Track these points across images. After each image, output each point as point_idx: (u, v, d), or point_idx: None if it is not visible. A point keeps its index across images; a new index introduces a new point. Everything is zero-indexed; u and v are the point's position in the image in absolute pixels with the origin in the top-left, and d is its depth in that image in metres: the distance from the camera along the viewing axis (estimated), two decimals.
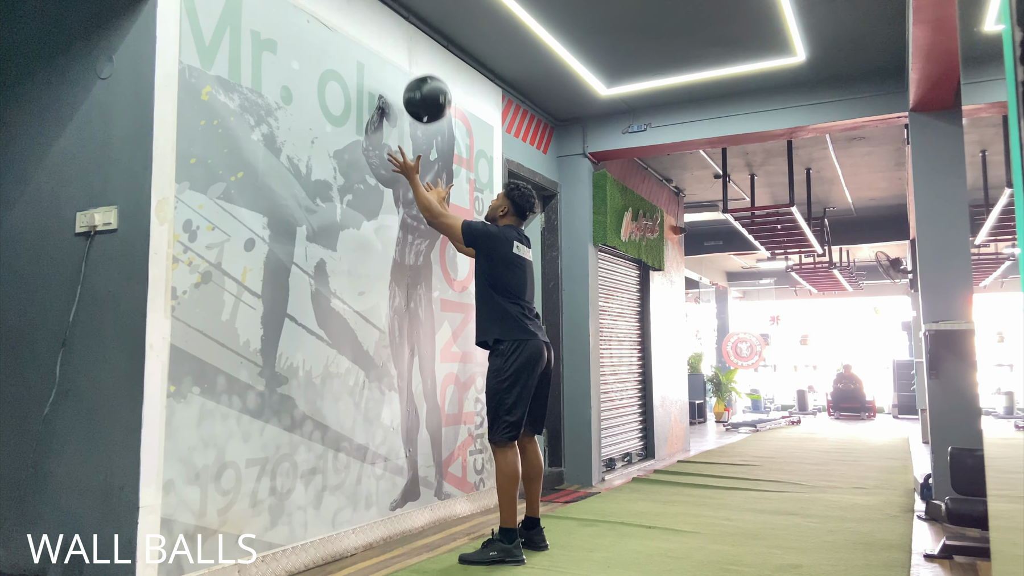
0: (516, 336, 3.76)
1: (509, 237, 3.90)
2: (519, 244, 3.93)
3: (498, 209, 4.06)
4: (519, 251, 3.92)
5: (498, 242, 3.87)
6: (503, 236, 3.89)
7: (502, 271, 3.85)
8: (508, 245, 3.87)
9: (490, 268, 3.86)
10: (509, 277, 3.85)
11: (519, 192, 4.02)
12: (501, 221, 4.04)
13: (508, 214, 4.03)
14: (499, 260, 3.85)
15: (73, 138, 3.10)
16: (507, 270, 3.85)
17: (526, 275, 3.95)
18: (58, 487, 2.94)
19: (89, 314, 2.96)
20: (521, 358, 3.73)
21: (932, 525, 4.50)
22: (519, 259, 3.91)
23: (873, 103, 5.45)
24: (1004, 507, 2.00)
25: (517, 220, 4.05)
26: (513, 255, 3.88)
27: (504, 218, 4.04)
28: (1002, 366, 4.50)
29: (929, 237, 5.09)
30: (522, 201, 4.01)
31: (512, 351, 3.74)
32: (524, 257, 3.96)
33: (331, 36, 3.86)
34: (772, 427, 12.28)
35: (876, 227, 11.26)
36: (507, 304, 3.81)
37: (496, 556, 3.58)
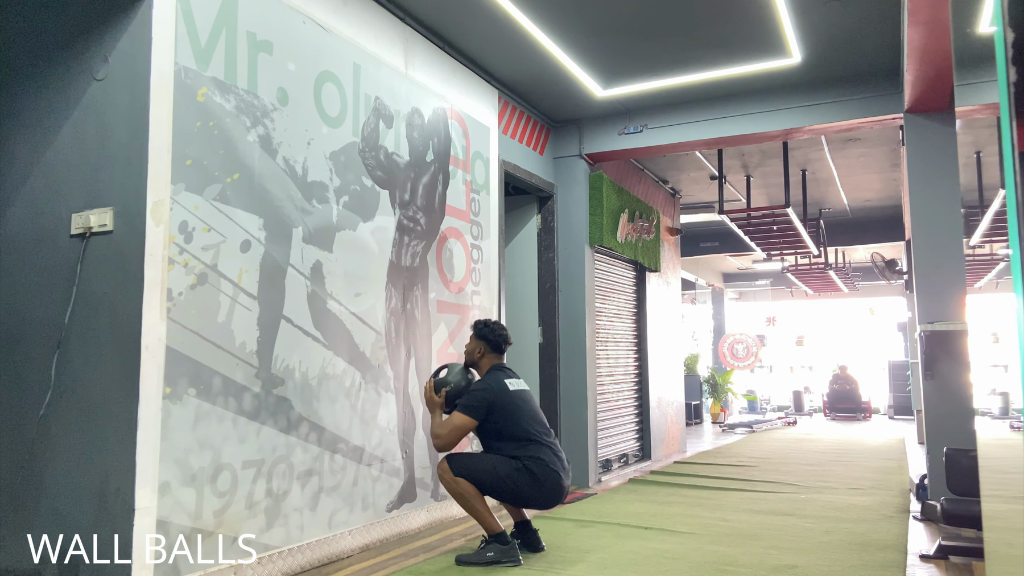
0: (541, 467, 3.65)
1: (500, 385, 3.78)
2: (511, 381, 3.84)
3: (474, 353, 3.96)
4: (515, 386, 3.82)
5: (500, 399, 3.72)
6: (496, 388, 3.76)
7: (511, 421, 3.71)
8: (504, 393, 3.75)
9: (500, 427, 3.71)
10: (518, 421, 3.72)
11: (488, 329, 3.95)
12: (482, 362, 3.95)
13: (485, 354, 3.94)
14: (505, 415, 3.71)
15: (69, 139, 3.10)
16: (516, 416, 3.72)
17: (532, 406, 3.85)
18: (54, 489, 2.94)
19: (85, 316, 2.96)
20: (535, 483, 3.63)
21: (928, 525, 4.51)
22: (519, 394, 3.81)
23: (868, 104, 5.47)
24: (998, 507, 2.01)
25: (495, 356, 3.96)
26: (512, 394, 3.76)
27: (483, 359, 3.94)
28: (997, 367, 4.51)
29: (924, 238, 5.11)
30: (494, 336, 3.94)
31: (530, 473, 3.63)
32: (522, 390, 3.87)
33: (327, 37, 3.86)
34: (768, 428, 12.29)
35: (871, 228, 11.28)
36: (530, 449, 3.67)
37: (493, 557, 3.58)
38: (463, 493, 3.62)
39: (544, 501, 3.70)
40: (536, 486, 3.63)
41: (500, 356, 4.00)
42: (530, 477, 3.62)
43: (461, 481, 3.62)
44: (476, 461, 3.67)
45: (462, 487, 3.62)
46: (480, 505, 3.63)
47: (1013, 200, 1.04)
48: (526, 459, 3.64)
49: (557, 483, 3.67)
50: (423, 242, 4.55)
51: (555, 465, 3.68)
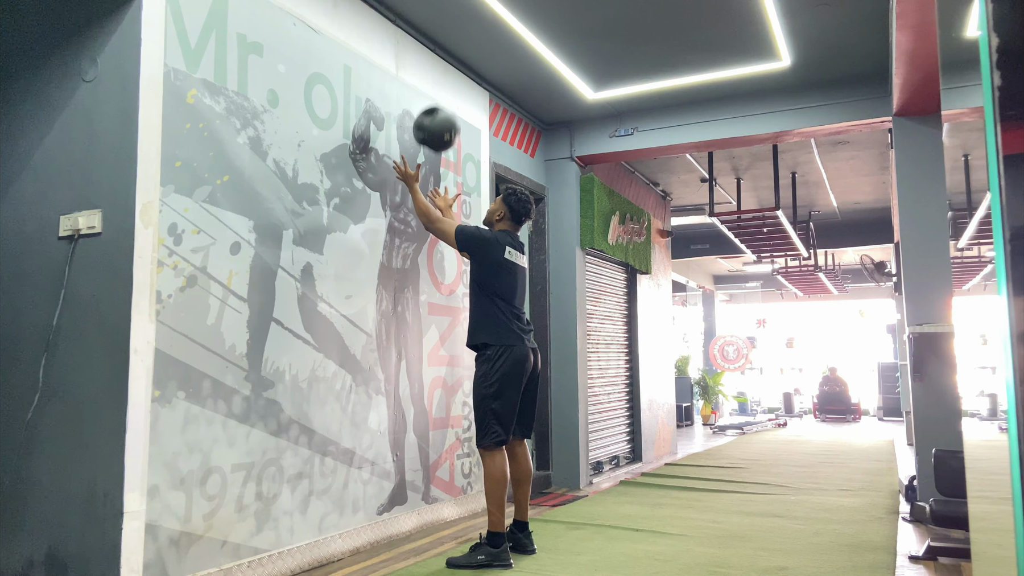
0: (503, 341, 3.78)
1: (502, 242, 3.91)
2: (511, 249, 3.94)
3: (495, 213, 4.07)
4: (511, 256, 3.93)
5: (490, 246, 3.88)
6: (495, 240, 3.90)
7: (493, 275, 3.86)
8: (500, 250, 3.88)
9: (480, 272, 3.88)
10: (499, 281, 3.86)
11: (515, 197, 4.03)
12: (497, 226, 4.05)
13: (504, 219, 4.04)
14: (490, 264, 3.87)
15: (57, 141, 3.08)
16: (498, 274, 3.87)
17: (517, 280, 3.96)
18: (42, 492, 2.92)
19: (73, 318, 2.94)
20: (507, 363, 3.74)
21: (917, 527, 4.54)
22: (511, 264, 3.92)
23: (857, 108, 5.50)
24: (986, 508, 2.02)
25: (513, 225, 4.07)
26: (505, 259, 3.89)
27: (500, 223, 4.05)
28: (985, 368, 4.53)
29: (912, 241, 5.14)
30: (519, 206, 4.03)
31: (498, 356, 3.76)
32: (516, 263, 3.96)
33: (318, 39, 3.86)
34: (759, 429, 12.33)
35: (861, 230, 11.34)
36: (496, 308, 3.83)
37: (484, 560, 3.58)
38: (495, 476, 3.71)
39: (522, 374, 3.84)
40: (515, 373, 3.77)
41: (516, 226, 4.09)
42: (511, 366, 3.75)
43: (499, 459, 3.72)
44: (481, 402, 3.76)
45: (498, 465, 3.72)
46: (502, 495, 3.70)
47: (997, 203, 1.05)
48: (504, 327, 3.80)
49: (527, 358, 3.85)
50: (414, 244, 4.55)
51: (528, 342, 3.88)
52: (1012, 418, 1.07)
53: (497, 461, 3.72)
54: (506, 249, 3.91)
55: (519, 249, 4.02)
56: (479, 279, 3.90)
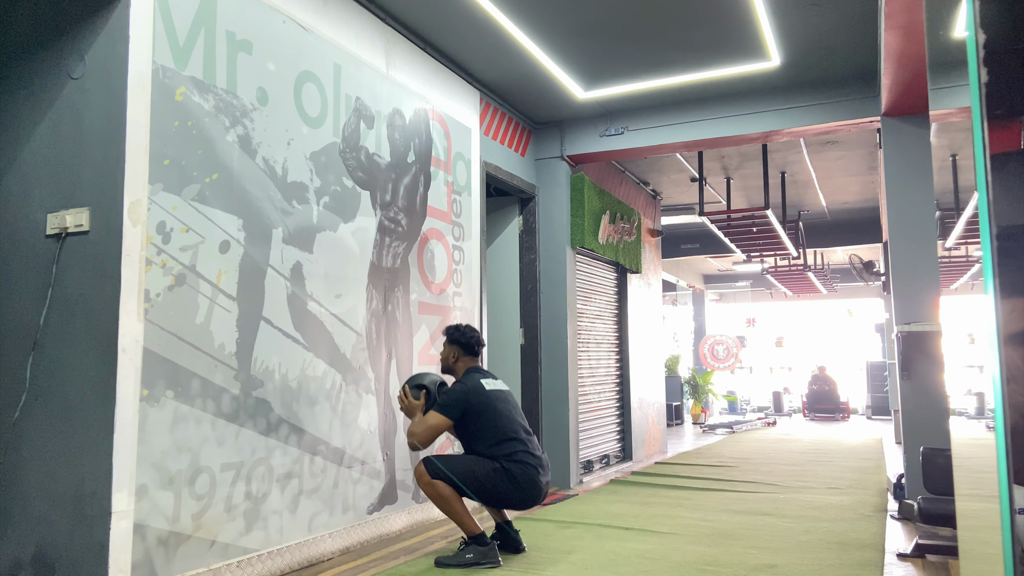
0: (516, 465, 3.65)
1: (476, 384, 3.77)
2: (487, 381, 3.83)
3: (448, 358, 3.97)
4: (492, 386, 3.81)
5: (472, 396, 3.72)
6: (472, 387, 3.75)
7: (488, 420, 3.70)
8: (481, 391, 3.74)
9: (478, 426, 3.72)
10: (495, 420, 3.71)
11: (459, 332, 3.95)
12: (457, 367, 3.95)
13: (460, 358, 3.95)
14: (482, 414, 3.71)
15: (44, 139, 3.06)
16: (491, 415, 3.71)
17: (510, 405, 3.83)
18: (29, 492, 2.90)
19: (60, 317, 2.92)
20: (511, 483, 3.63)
21: (905, 524, 4.56)
22: (496, 394, 3.79)
23: (846, 108, 5.52)
24: (973, 506, 2.03)
25: (472, 359, 3.96)
26: (489, 393, 3.76)
27: (458, 363, 3.95)
28: (972, 367, 4.57)
29: (900, 240, 5.17)
30: (466, 339, 3.94)
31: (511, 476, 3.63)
32: (499, 389, 3.86)
33: (307, 37, 3.85)
34: (748, 428, 12.37)
35: (849, 230, 11.40)
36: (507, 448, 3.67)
37: (472, 559, 3.57)
38: (441, 495, 3.61)
39: (522, 501, 3.70)
40: (514, 486, 3.63)
41: (475, 359, 3.99)
42: (508, 477, 3.62)
43: (438, 483, 3.60)
44: (453, 462, 3.66)
45: (439, 489, 3.60)
46: (458, 507, 3.62)
47: (985, 201, 1.06)
48: (503, 459, 3.64)
49: (535, 483, 3.67)
50: (404, 243, 4.54)
51: (533, 463, 3.68)
52: (999, 416, 1.08)
53: (436, 485, 3.60)
54: (483, 387, 3.77)
55: (493, 378, 3.91)
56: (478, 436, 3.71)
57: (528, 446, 3.73)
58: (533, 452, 3.73)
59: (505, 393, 3.89)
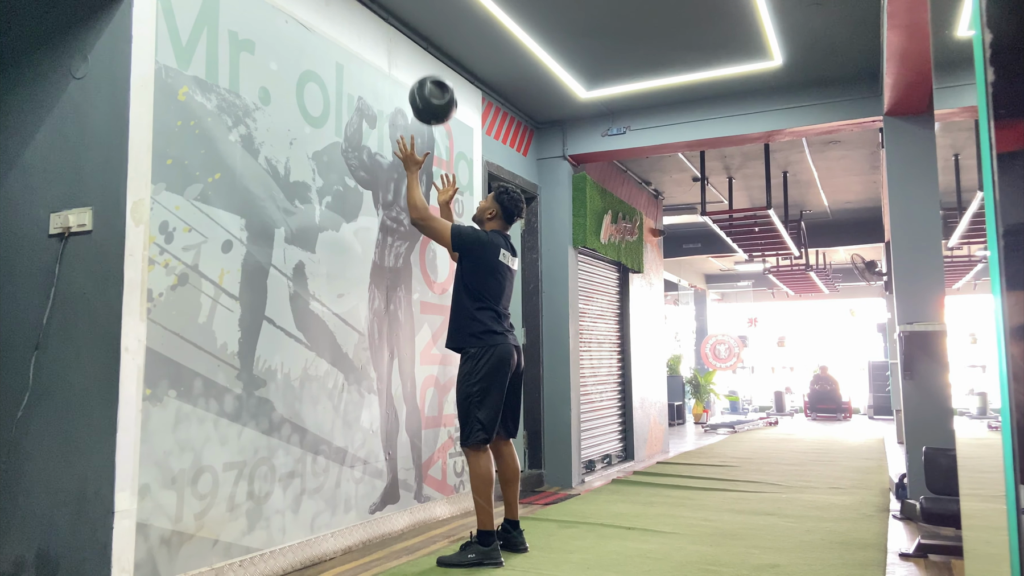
0: (486, 341, 3.76)
1: (497, 244, 3.89)
2: (505, 252, 3.92)
3: (486, 211, 4.02)
4: (504, 259, 3.91)
5: (485, 250, 3.85)
6: (491, 243, 3.87)
7: (483, 277, 3.83)
8: (495, 253, 3.86)
9: (471, 274, 3.84)
10: (489, 285, 3.84)
11: (508, 196, 3.99)
12: (488, 224, 4.01)
13: (496, 217, 4.00)
14: (483, 267, 3.84)
15: (47, 138, 3.06)
16: (489, 278, 3.84)
17: (506, 283, 3.94)
18: (32, 491, 2.90)
19: (63, 316, 2.92)
20: (491, 362, 3.73)
21: (907, 524, 4.56)
22: (503, 267, 3.90)
23: (848, 107, 5.52)
24: (977, 506, 2.03)
25: (503, 224, 4.02)
26: (498, 263, 3.87)
27: (491, 221, 4.00)
28: (975, 367, 4.56)
29: (903, 240, 5.16)
30: (511, 205, 3.98)
31: (481, 355, 3.74)
32: (508, 266, 3.94)
33: (310, 37, 3.85)
34: (750, 428, 12.37)
35: (852, 230, 11.39)
36: (480, 310, 3.80)
37: (474, 559, 3.57)
38: (481, 475, 3.68)
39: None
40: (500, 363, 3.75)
41: (507, 225, 4.04)
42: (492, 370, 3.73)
43: (484, 458, 3.70)
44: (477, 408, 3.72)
45: (482, 467, 3.69)
46: (489, 494, 3.68)
47: (991, 200, 1.05)
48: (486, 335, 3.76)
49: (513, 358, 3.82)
50: (406, 243, 4.54)
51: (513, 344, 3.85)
52: (1005, 416, 1.08)
53: (482, 460, 3.71)
54: (500, 252, 3.89)
55: (512, 251, 4.01)
56: (468, 281, 3.85)
57: (507, 323, 3.90)
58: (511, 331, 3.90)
59: (511, 272, 4.00)
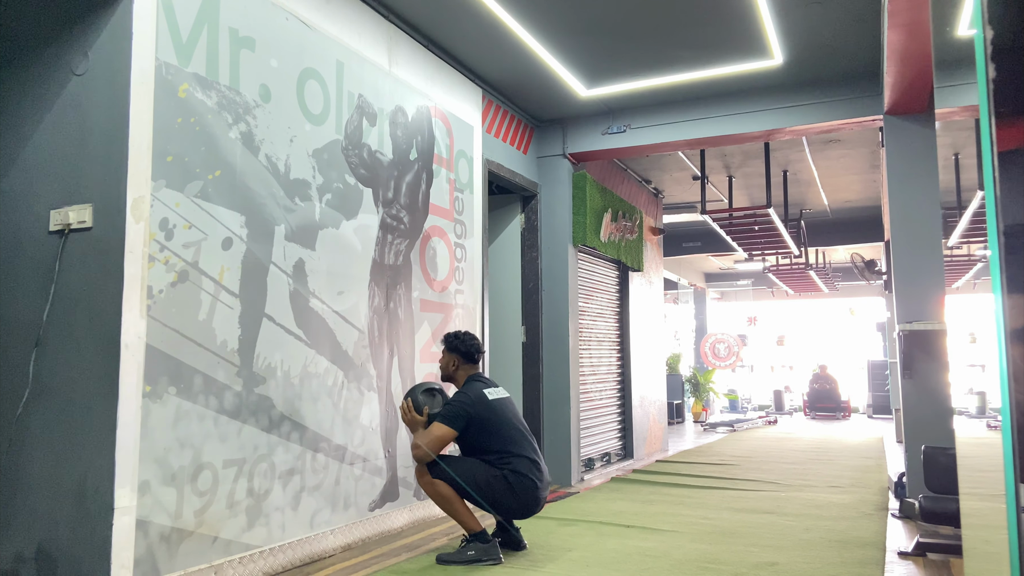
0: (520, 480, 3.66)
1: (479, 395, 3.75)
2: (490, 390, 3.82)
3: (448, 366, 3.95)
4: (494, 395, 3.80)
5: (476, 407, 3.70)
6: (476, 398, 3.73)
7: (491, 431, 3.70)
8: (483, 402, 3.73)
9: (480, 437, 3.71)
10: (498, 431, 3.71)
11: (459, 340, 3.93)
12: (457, 375, 3.93)
13: (460, 366, 3.93)
14: (485, 425, 3.69)
15: (47, 135, 3.06)
16: (496, 426, 3.71)
17: (512, 414, 3.83)
18: (32, 488, 2.90)
19: (63, 313, 2.92)
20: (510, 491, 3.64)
21: (906, 523, 4.56)
22: (498, 403, 3.78)
23: (849, 106, 5.51)
24: (976, 505, 2.03)
25: (470, 366, 3.94)
26: (492, 404, 3.75)
27: (458, 371, 3.93)
28: (974, 366, 4.58)
29: (903, 239, 5.16)
30: (466, 347, 3.92)
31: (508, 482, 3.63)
32: (501, 398, 3.84)
33: (310, 34, 3.84)
34: (749, 427, 12.37)
35: (851, 229, 11.39)
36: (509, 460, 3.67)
37: (474, 556, 3.58)
38: (441, 494, 3.62)
39: (520, 511, 3.71)
40: (513, 497, 3.63)
41: (475, 366, 3.97)
42: (507, 487, 3.62)
43: (438, 483, 3.61)
44: (455, 464, 3.66)
45: (439, 488, 3.61)
46: (459, 505, 3.63)
47: (992, 198, 1.05)
48: (505, 468, 3.64)
49: (534, 494, 3.68)
50: (406, 240, 4.54)
51: (533, 475, 3.68)
52: (1005, 415, 1.08)
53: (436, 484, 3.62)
54: (485, 394, 3.76)
55: (493, 386, 3.89)
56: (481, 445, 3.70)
57: (531, 460, 3.72)
58: (535, 463, 3.73)
59: (507, 401, 3.87)
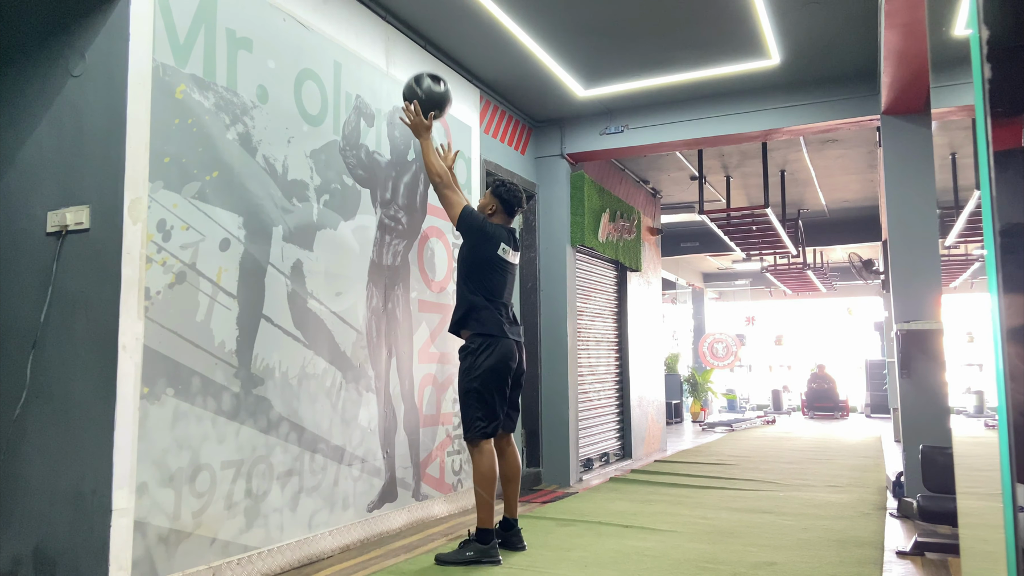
0: (487, 332, 3.77)
1: (498, 238, 3.89)
2: (506, 247, 3.92)
3: (486, 207, 4.03)
4: (504, 254, 3.91)
5: (487, 240, 3.86)
6: (494, 237, 3.88)
7: (480, 269, 3.86)
8: (494, 246, 3.87)
9: (471, 260, 3.88)
10: (486, 277, 3.86)
11: (505, 188, 4.00)
12: (490, 219, 4.01)
13: (496, 212, 4.01)
14: (479, 256, 3.86)
15: (44, 136, 3.06)
16: (487, 270, 3.86)
17: (506, 278, 3.95)
18: (29, 490, 2.90)
19: (61, 315, 2.92)
20: (492, 357, 3.74)
21: (904, 522, 4.57)
22: (502, 262, 3.90)
23: (846, 106, 5.52)
24: (973, 504, 2.04)
25: (506, 218, 4.03)
26: (497, 257, 3.88)
27: (493, 216, 4.01)
28: (972, 366, 4.59)
29: (900, 239, 5.17)
30: (509, 197, 4.00)
31: (483, 349, 3.76)
32: (508, 260, 3.94)
33: (308, 35, 3.84)
34: (748, 427, 12.39)
35: (849, 228, 11.40)
36: (481, 301, 3.82)
37: (472, 556, 3.58)
38: (483, 470, 3.68)
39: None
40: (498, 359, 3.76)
41: (509, 219, 4.06)
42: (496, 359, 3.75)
43: (486, 457, 3.69)
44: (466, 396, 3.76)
45: (486, 461, 3.69)
46: (491, 490, 3.68)
47: (988, 198, 1.06)
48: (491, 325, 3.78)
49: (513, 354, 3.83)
50: (404, 241, 4.54)
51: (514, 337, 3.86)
52: (1002, 414, 1.08)
53: (485, 455, 3.71)
54: (500, 247, 3.89)
55: (514, 246, 4.00)
56: (468, 269, 3.88)
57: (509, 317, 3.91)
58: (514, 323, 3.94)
59: (511, 267, 4.00)
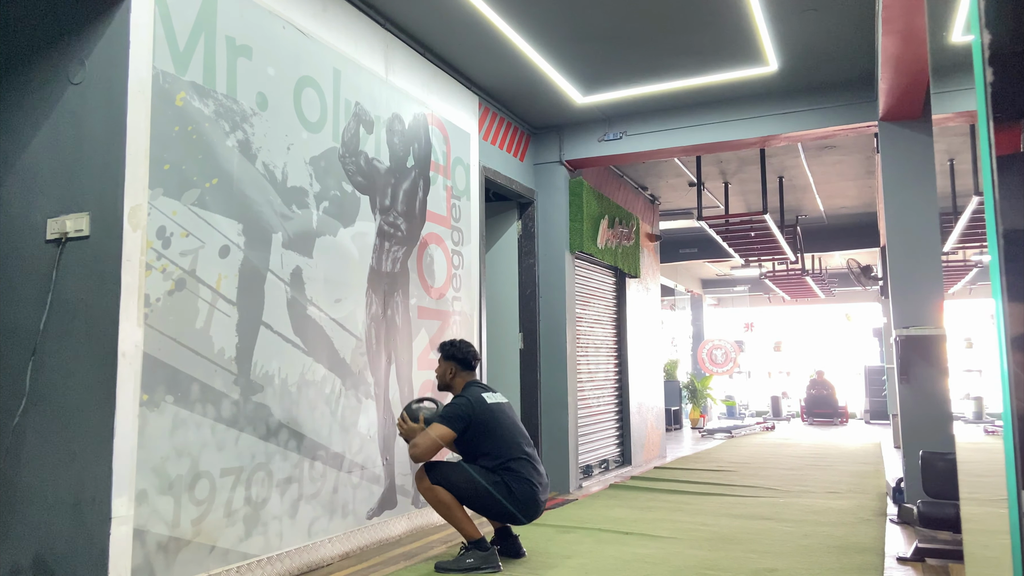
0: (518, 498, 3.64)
1: (478, 398, 3.74)
2: (488, 394, 3.81)
3: (445, 375, 3.92)
4: (493, 399, 3.79)
5: (475, 410, 3.69)
6: (475, 401, 3.72)
7: (491, 435, 3.69)
8: (482, 405, 3.72)
9: (480, 441, 3.69)
10: (498, 435, 3.70)
11: (455, 347, 3.92)
12: (455, 383, 3.91)
13: (457, 373, 3.91)
14: (484, 429, 3.68)
15: (44, 144, 3.06)
16: (495, 429, 3.70)
17: (511, 419, 3.81)
18: (28, 498, 2.88)
19: (60, 322, 2.92)
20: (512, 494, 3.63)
21: (904, 528, 4.56)
22: (497, 407, 3.77)
23: (844, 112, 5.54)
24: (976, 510, 2.04)
25: (468, 373, 3.93)
26: (491, 407, 3.74)
27: (456, 378, 3.91)
28: (971, 371, 4.59)
29: (899, 244, 5.17)
30: (462, 355, 3.91)
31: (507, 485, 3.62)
32: (500, 402, 3.83)
33: (307, 42, 3.85)
34: (747, 433, 12.37)
35: (847, 235, 11.42)
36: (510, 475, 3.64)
37: (473, 563, 3.57)
38: (440, 500, 3.60)
39: (520, 516, 3.69)
40: (513, 502, 3.62)
41: (472, 373, 3.96)
42: (508, 493, 3.61)
43: (438, 489, 3.60)
44: (455, 471, 3.65)
45: (439, 494, 3.60)
46: (458, 512, 3.62)
47: (991, 203, 1.06)
48: (504, 473, 3.63)
49: (535, 501, 3.66)
50: (404, 248, 4.54)
51: (535, 482, 3.67)
52: (1007, 420, 1.08)
53: (435, 490, 3.61)
54: (483, 399, 3.75)
55: (491, 391, 3.88)
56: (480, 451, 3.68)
57: (531, 463, 3.71)
58: (535, 468, 3.72)
59: (506, 406, 3.86)
